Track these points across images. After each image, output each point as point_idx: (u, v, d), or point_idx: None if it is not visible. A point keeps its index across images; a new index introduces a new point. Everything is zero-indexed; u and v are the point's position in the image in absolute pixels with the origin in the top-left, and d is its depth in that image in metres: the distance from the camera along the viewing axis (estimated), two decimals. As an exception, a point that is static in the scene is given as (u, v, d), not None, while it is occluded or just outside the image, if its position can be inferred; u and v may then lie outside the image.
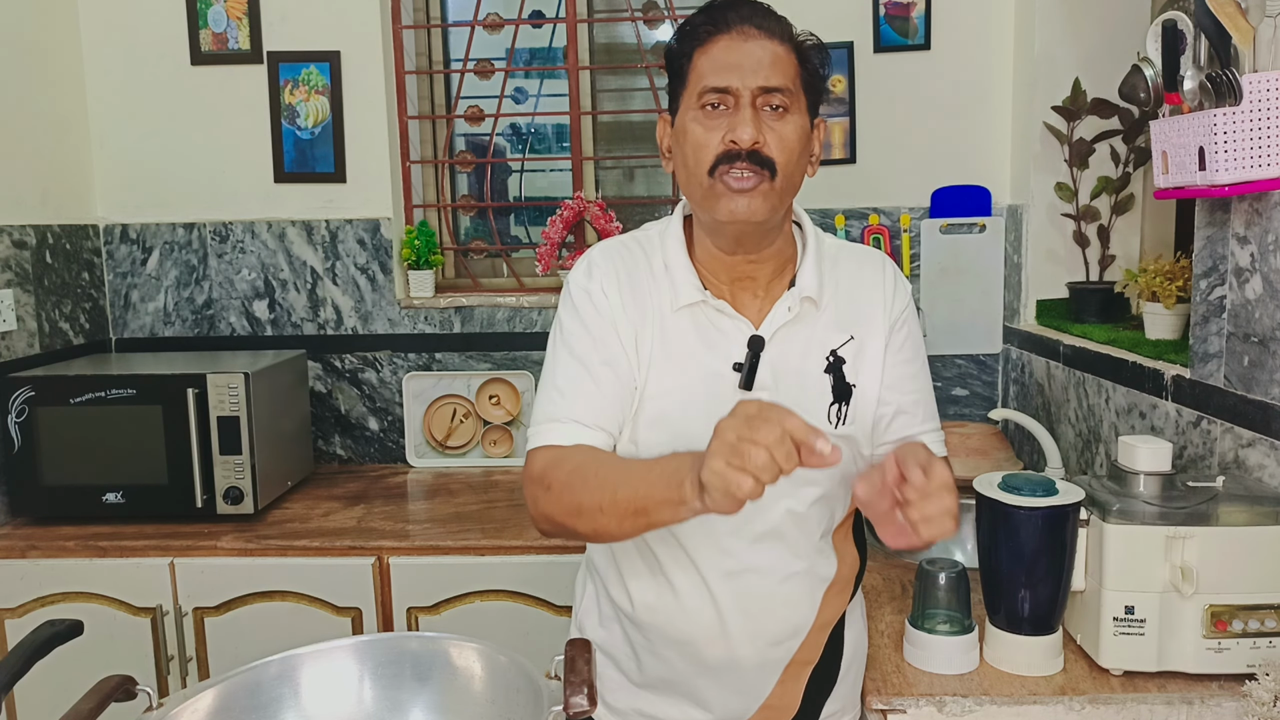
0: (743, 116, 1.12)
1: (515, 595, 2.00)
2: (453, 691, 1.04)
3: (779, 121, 1.14)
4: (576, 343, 1.20)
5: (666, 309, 1.21)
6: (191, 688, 1.00)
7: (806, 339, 1.22)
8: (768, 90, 1.13)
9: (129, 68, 2.49)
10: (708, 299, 1.20)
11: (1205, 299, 1.52)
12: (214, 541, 2.02)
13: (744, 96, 1.12)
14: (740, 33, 1.14)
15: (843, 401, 1.22)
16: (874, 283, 1.27)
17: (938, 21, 2.39)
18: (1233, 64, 1.32)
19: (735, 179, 1.13)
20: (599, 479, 1.08)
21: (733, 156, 1.12)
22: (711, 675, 1.25)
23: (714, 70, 1.13)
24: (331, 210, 2.52)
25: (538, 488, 1.14)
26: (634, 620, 1.27)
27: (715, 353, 1.20)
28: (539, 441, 1.18)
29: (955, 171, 2.43)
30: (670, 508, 0.99)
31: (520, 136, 2.75)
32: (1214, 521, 1.24)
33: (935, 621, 1.34)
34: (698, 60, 1.15)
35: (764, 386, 1.18)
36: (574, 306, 1.22)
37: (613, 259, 1.24)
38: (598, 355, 1.19)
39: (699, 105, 1.15)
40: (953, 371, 2.49)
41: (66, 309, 2.41)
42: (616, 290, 1.21)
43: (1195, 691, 1.24)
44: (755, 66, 1.12)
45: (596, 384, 1.18)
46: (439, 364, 2.56)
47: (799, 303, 1.21)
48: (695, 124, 1.15)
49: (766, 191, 1.14)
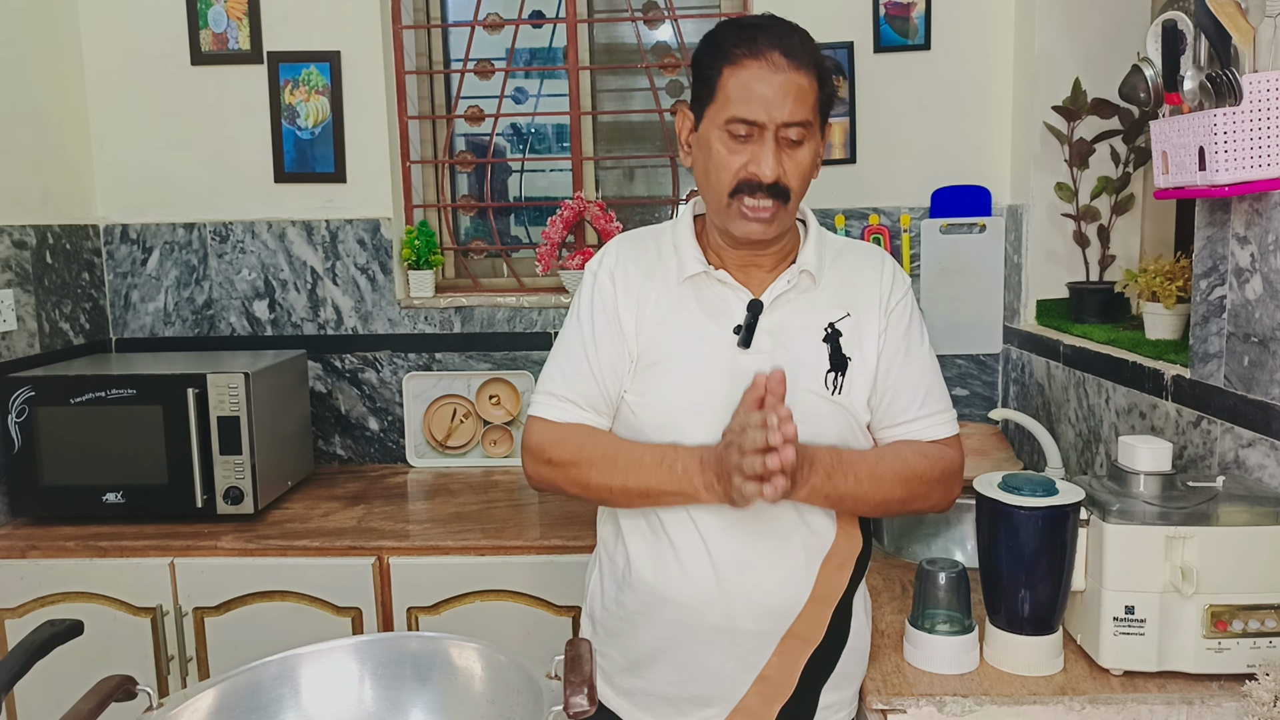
0: (765, 150, 1.22)
1: (515, 595, 2.00)
2: (453, 691, 1.04)
3: (797, 151, 1.24)
4: (581, 327, 1.33)
5: (672, 282, 1.32)
6: (191, 688, 1.00)
7: (806, 310, 1.31)
8: (790, 125, 1.21)
9: (129, 68, 2.49)
10: (709, 270, 1.30)
11: (1205, 299, 1.52)
12: (214, 541, 2.02)
13: (769, 130, 1.21)
14: (770, 62, 1.20)
15: (839, 371, 1.30)
16: (873, 271, 1.36)
17: (938, 21, 2.39)
18: (1233, 64, 1.32)
19: (753, 209, 1.24)
20: (610, 462, 1.26)
21: (753, 187, 1.23)
22: (707, 641, 1.27)
23: (742, 100, 1.21)
24: (331, 210, 2.52)
25: (537, 460, 1.31)
26: (633, 584, 1.31)
27: (716, 320, 1.29)
28: (536, 411, 1.33)
29: (955, 171, 2.42)
30: (682, 498, 1.23)
31: (520, 136, 2.75)
32: (1214, 521, 1.24)
33: (935, 621, 1.34)
34: (727, 79, 1.23)
35: (761, 349, 1.28)
36: (584, 292, 1.36)
37: (623, 247, 1.37)
38: (597, 341, 1.31)
39: (725, 128, 1.23)
40: (953, 371, 2.48)
41: (67, 309, 2.41)
42: (623, 274, 1.33)
43: (1195, 691, 1.24)
44: (781, 101, 1.20)
45: (593, 370, 1.31)
46: (439, 364, 2.56)
47: (798, 275, 1.31)
48: (720, 144, 1.24)
49: (780, 215, 1.25)
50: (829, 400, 1.28)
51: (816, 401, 1.27)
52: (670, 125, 2.61)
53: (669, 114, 2.60)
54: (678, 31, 2.58)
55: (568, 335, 1.35)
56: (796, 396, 1.23)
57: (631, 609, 1.31)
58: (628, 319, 1.31)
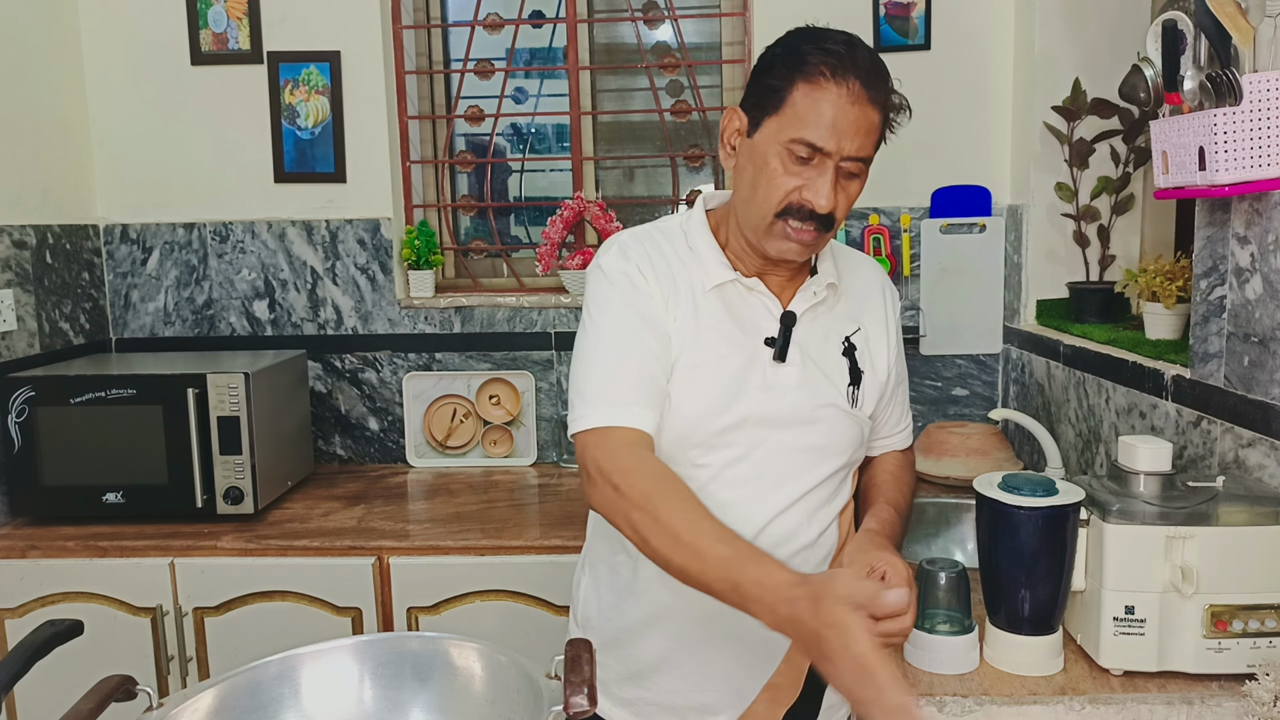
0: (825, 181, 1.16)
1: (515, 595, 2.00)
2: (453, 691, 1.04)
3: (850, 183, 1.19)
4: (617, 320, 1.22)
5: (699, 288, 1.25)
6: (191, 688, 1.00)
7: (826, 323, 1.30)
8: (854, 159, 1.17)
9: (129, 68, 2.49)
10: (739, 278, 1.25)
11: (1205, 299, 1.52)
12: (214, 541, 2.02)
13: (832, 160, 1.16)
14: (850, 90, 1.14)
15: (856, 384, 1.30)
16: (875, 285, 1.37)
17: (938, 21, 2.39)
18: (1233, 64, 1.32)
19: (797, 231, 1.18)
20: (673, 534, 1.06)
21: (804, 214, 1.17)
22: (717, 650, 1.26)
23: (814, 123, 1.14)
24: (331, 210, 2.52)
25: (602, 482, 1.13)
26: (638, 593, 1.28)
27: (745, 329, 1.26)
28: (588, 423, 1.17)
29: (955, 171, 2.43)
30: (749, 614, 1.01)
31: (520, 136, 2.75)
32: (1214, 521, 1.24)
33: (935, 621, 1.34)
34: (799, 94, 1.15)
35: (794, 361, 1.25)
36: (613, 286, 1.24)
37: (643, 242, 1.28)
38: (647, 333, 1.21)
39: (787, 145, 1.16)
40: (953, 371, 2.48)
41: (67, 309, 2.41)
42: (652, 270, 1.24)
43: (1195, 691, 1.24)
44: (852, 134, 1.15)
45: (644, 361, 1.20)
46: (439, 364, 2.56)
47: (824, 288, 1.29)
48: (777, 161, 1.17)
49: (820, 242, 1.22)
50: (849, 414, 1.28)
51: (840, 415, 1.28)
52: (671, 125, 2.61)
53: (669, 114, 2.60)
54: (678, 31, 2.58)
55: (600, 332, 1.22)
56: (824, 410, 1.26)
57: (634, 619, 1.30)
58: (669, 313, 1.23)
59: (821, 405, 1.25)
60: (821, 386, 1.26)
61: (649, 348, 1.20)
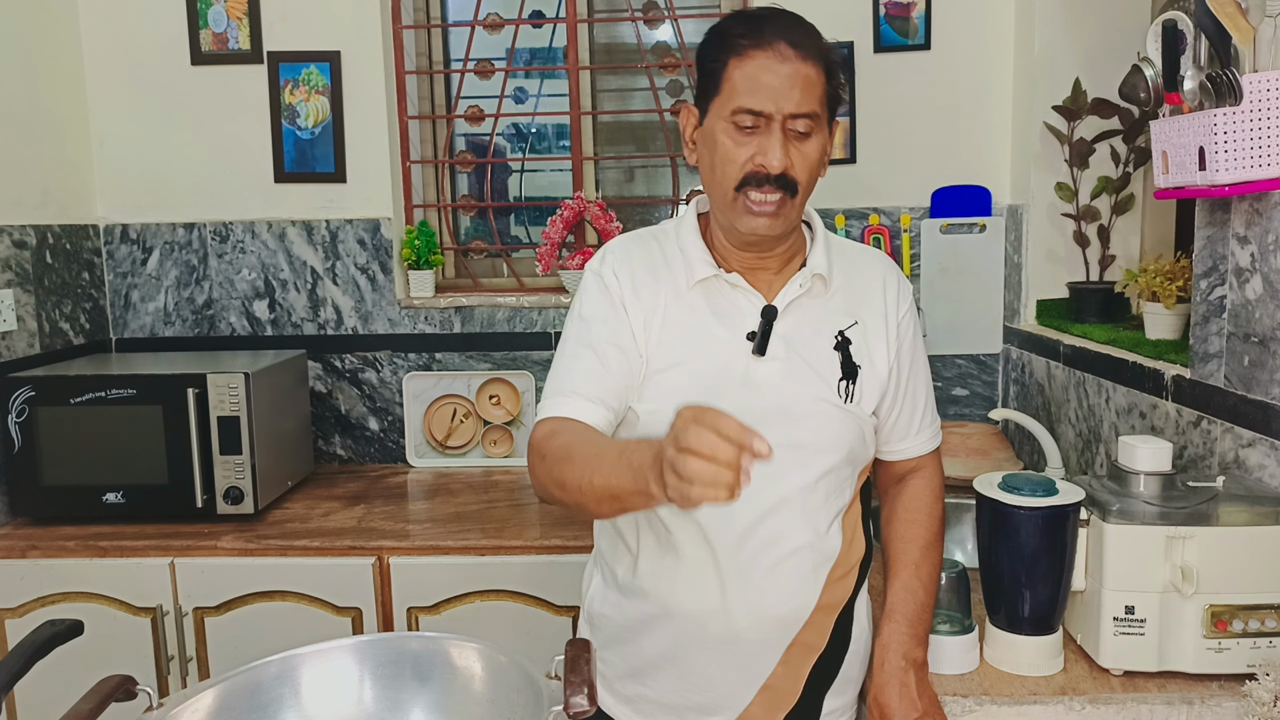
0: (773, 142, 1.17)
1: (515, 595, 2.00)
2: (453, 691, 1.04)
3: (804, 143, 1.20)
4: (587, 324, 1.26)
5: (681, 286, 1.27)
6: (191, 688, 1.00)
7: (818, 316, 1.28)
8: (798, 116, 1.17)
9: (129, 68, 2.49)
10: (720, 274, 1.26)
11: (1205, 299, 1.52)
12: (214, 541, 2.02)
13: (775, 121, 1.17)
14: (776, 52, 1.17)
15: (850, 379, 1.28)
16: (878, 278, 1.34)
17: (938, 21, 2.39)
18: (1233, 64, 1.32)
19: (758, 202, 1.20)
20: (583, 458, 1.09)
21: (760, 179, 1.19)
22: (712, 651, 1.26)
23: (749, 90, 1.17)
24: (331, 210, 2.52)
25: (535, 455, 1.18)
26: (636, 593, 1.28)
27: (728, 324, 1.26)
28: (543, 413, 1.22)
29: (955, 171, 2.43)
30: (642, 498, 0.99)
31: (520, 136, 2.75)
32: (1214, 521, 1.24)
33: (935, 621, 1.34)
34: (732, 71, 1.19)
35: (776, 356, 1.24)
36: (587, 290, 1.29)
37: (627, 246, 1.32)
38: (605, 335, 1.25)
39: (730, 119, 1.19)
40: (953, 371, 2.49)
41: (67, 309, 2.41)
42: (629, 274, 1.27)
43: (1195, 691, 1.24)
44: (788, 91, 1.16)
45: (601, 362, 1.23)
46: (439, 364, 2.56)
47: (810, 279, 1.28)
48: (725, 137, 1.20)
49: (786, 210, 1.21)
50: (842, 409, 1.27)
51: (830, 410, 1.26)
52: (671, 124, 2.61)
53: (669, 114, 2.60)
54: (678, 31, 2.58)
55: (570, 335, 1.28)
56: (811, 405, 1.24)
57: (634, 617, 1.30)
58: (637, 319, 1.25)
59: (808, 400, 1.24)
60: (808, 381, 1.24)
61: (603, 350, 1.23)
